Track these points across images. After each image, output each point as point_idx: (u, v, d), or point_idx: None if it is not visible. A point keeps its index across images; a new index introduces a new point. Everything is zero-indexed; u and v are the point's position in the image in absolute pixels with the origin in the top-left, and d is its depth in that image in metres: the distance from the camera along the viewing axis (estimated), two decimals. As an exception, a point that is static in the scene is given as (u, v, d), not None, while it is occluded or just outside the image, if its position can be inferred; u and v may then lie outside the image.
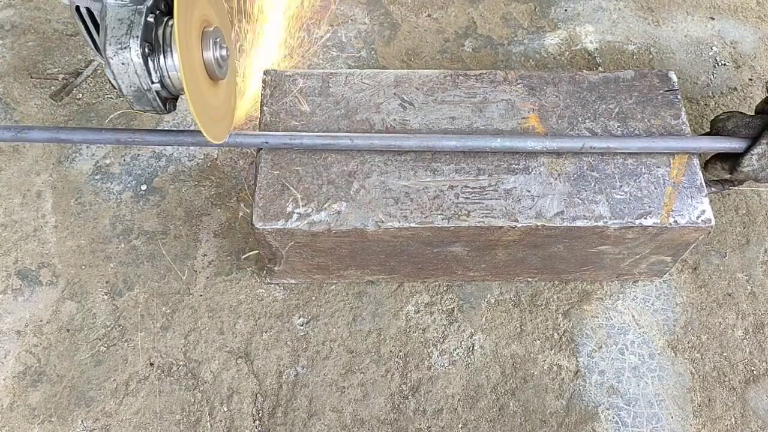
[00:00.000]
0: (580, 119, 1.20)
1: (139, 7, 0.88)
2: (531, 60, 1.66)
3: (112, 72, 0.89)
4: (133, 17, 0.87)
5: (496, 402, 1.23)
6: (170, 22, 0.92)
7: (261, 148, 1.14)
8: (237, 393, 1.22)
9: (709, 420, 1.22)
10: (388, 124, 1.18)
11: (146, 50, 0.89)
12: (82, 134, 1.13)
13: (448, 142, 1.13)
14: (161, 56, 0.91)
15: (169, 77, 0.93)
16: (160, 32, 0.91)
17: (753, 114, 1.20)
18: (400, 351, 1.27)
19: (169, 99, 0.99)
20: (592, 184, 1.14)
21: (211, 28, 0.98)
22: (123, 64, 0.87)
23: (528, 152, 1.15)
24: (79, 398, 1.20)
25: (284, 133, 1.14)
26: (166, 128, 1.49)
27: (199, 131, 0.95)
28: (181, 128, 1.50)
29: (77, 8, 0.91)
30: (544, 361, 1.27)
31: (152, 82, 0.91)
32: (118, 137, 1.12)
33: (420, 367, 1.25)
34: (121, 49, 0.86)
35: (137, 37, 0.86)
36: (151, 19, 0.89)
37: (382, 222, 1.09)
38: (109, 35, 0.86)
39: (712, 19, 1.75)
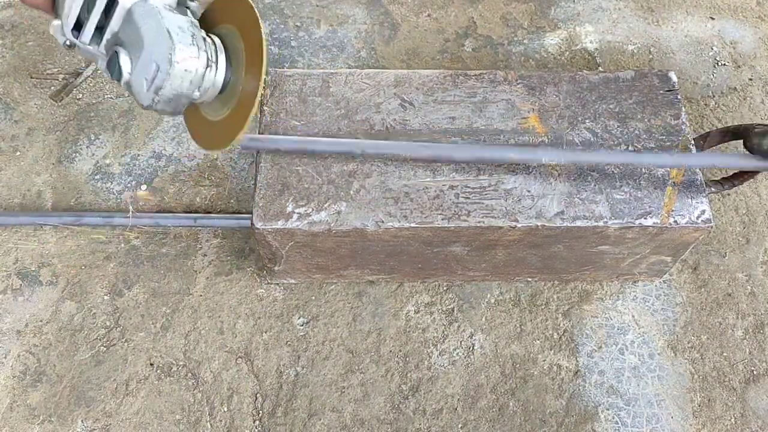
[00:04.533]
0: (580, 119, 1.20)
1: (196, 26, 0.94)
2: (531, 60, 1.66)
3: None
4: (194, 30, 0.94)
5: (496, 402, 1.23)
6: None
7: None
8: (237, 393, 1.22)
9: (709, 420, 1.22)
10: (388, 124, 1.18)
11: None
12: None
13: (461, 154, 1.12)
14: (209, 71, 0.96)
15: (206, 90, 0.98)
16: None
17: None
18: (400, 351, 1.27)
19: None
20: (592, 184, 1.14)
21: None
22: (186, 71, 0.92)
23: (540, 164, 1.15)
24: (79, 398, 1.20)
25: (297, 137, 1.14)
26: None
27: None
28: (182, 131, 1.50)
29: None
30: (543, 361, 1.27)
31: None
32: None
33: (420, 367, 1.25)
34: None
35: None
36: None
37: (382, 222, 1.09)
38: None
39: (712, 19, 1.75)
